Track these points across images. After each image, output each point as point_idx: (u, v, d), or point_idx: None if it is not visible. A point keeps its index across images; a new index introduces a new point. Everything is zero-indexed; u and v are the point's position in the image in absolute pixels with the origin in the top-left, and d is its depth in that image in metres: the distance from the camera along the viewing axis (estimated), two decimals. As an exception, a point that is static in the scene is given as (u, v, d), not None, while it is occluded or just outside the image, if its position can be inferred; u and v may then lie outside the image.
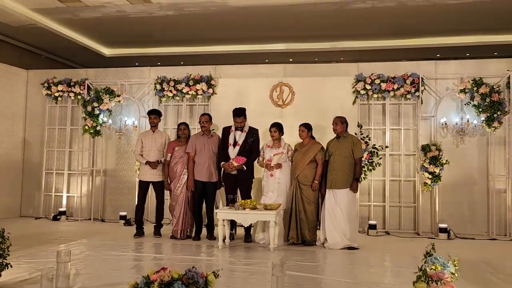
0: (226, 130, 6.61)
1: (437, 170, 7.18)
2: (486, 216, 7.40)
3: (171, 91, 8.28)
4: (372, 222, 7.42)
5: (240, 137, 6.44)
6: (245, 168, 6.29)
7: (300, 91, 7.97)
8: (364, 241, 6.43)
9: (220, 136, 6.76)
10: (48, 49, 11.11)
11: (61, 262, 3.52)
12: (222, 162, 6.44)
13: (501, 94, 7.19)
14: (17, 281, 3.99)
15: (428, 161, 7.21)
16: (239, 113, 6.43)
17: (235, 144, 6.43)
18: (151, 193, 7.24)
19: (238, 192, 6.45)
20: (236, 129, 6.48)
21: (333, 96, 7.81)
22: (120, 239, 6.53)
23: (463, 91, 7.34)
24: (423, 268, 3.15)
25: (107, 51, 11.13)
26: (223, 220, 5.95)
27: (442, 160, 7.20)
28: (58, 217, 8.40)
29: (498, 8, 7.79)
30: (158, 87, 8.31)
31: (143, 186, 6.89)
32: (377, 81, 7.60)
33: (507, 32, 9.13)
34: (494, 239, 7.05)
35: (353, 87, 7.76)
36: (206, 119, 6.64)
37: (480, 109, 7.22)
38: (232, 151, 6.39)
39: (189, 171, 6.54)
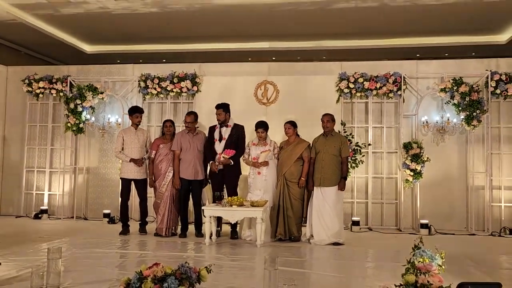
0: (212, 128, 6.64)
1: (418, 167, 7.34)
2: (465, 212, 7.60)
3: (155, 89, 8.25)
4: (355, 218, 7.54)
5: (226, 132, 6.47)
6: (232, 162, 6.32)
7: (284, 89, 8.04)
8: (348, 237, 6.52)
9: (205, 133, 6.79)
10: (28, 45, 10.92)
11: (52, 259, 3.49)
12: (211, 162, 6.43)
13: (480, 93, 7.39)
14: (5, 279, 3.94)
15: (409, 158, 7.37)
16: (218, 105, 6.51)
17: (221, 139, 6.45)
18: (133, 190, 7.20)
19: (225, 189, 6.48)
20: (221, 125, 6.51)
21: (317, 94, 7.91)
22: (105, 237, 6.49)
23: (443, 90, 7.52)
24: (411, 261, 3.23)
25: (88, 47, 10.99)
26: (210, 217, 5.97)
27: (423, 158, 7.37)
28: (39, 215, 8.28)
29: (475, 10, 7.98)
30: (142, 84, 8.28)
31: (126, 183, 6.84)
32: (360, 80, 7.73)
33: (485, 33, 9.36)
34: (473, 234, 7.26)
35: (336, 86, 7.87)
36: (192, 119, 6.60)
37: (460, 108, 7.40)
38: (219, 146, 6.42)
39: (175, 169, 6.53)
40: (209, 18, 8.75)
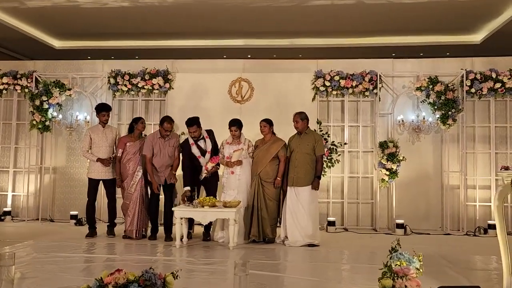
0: (186, 146, 6.29)
1: (394, 167, 7.27)
2: (440, 211, 7.58)
3: (125, 85, 7.98)
4: (331, 218, 7.43)
5: (207, 144, 6.26)
6: (219, 168, 6.18)
7: (259, 87, 7.87)
8: (323, 238, 6.39)
9: (178, 136, 6.58)
10: (-8, 40, 10.47)
11: (4, 265, 3.22)
12: (187, 188, 6.08)
13: (455, 92, 7.38)
14: (-46, 288, 3.66)
15: (385, 157, 7.29)
16: (191, 122, 6.17)
17: (204, 153, 6.23)
18: (102, 191, 6.92)
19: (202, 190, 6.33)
20: (197, 140, 6.26)
21: (292, 92, 7.77)
22: (71, 239, 6.22)
23: (419, 89, 7.48)
24: (388, 264, 3.09)
25: (57, 43, 10.59)
26: (181, 219, 5.74)
27: (399, 157, 7.30)
28: (2, 217, 7.91)
29: (450, 9, 7.96)
30: (112, 81, 7.99)
31: (93, 184, 6.55)
32: (336, 78, 7.63)
33: (459, 33, 9.38)
34: (448, 234, 7.22)
35: (312, 84, 7.75)
36: (172, 127, 6.35)
37: (435, 107, 7.37)
38: (204, 160, 6.19)
39: (149, 174, 6.25)
40: (182, 13, 8.51)
